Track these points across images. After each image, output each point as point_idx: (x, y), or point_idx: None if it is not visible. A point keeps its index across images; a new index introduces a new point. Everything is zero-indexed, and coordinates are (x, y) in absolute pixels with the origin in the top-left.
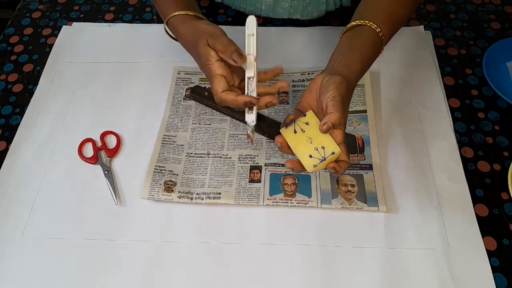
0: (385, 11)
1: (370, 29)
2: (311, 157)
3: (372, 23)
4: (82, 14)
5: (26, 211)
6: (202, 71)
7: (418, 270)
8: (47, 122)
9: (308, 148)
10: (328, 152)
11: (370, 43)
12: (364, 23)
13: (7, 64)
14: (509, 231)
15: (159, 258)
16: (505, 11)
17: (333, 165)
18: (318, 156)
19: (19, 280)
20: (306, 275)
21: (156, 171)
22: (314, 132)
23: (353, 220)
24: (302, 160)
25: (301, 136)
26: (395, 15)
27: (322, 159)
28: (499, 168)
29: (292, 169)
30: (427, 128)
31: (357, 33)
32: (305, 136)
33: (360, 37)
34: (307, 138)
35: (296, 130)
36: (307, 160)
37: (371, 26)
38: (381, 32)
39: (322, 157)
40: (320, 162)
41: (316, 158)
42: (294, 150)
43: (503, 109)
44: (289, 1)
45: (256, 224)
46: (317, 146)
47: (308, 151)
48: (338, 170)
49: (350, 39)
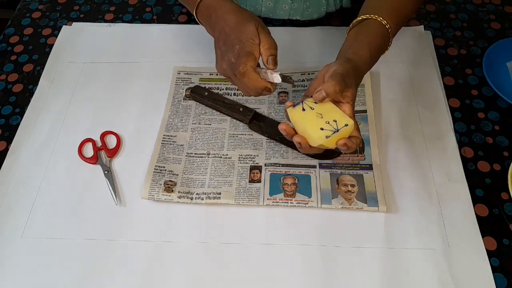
0: (390, 6)
1: (376, 21)
2: (322, 129)
3: (378, 16)
4: (82, 14)
5: (26, 211)
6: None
7: (418, 270)
8: (47, 122)
9: (319, 122)
10: (341, 124)
11: (377, 34)
12: (370, 17)
13: (7, 64)
14: (509, 231)
15: (159, 258)
16: (505, 11)
17: (345, 141)
18: (330, 128)
19: (19, 280)
20: (306, 275)
21: (156, 171)
22: (324, 109)
23: (353, 220)
24: (312, 134)
25: (310, 113)
26: (400, 8)
27: (335, 130)
28: (499, 168)
29: (300, 144)
30: (427, 128)
31: (363, 27)
32: (314, 113)
33: (367, 29)
34: (316, 114)
35: (304, 108)
36: (318, 133)
37: (376, 19)
38: (388, 24)
39: (335, 128)
40: (333, 133)
41: (328, 130)
42: (302, 127)
43: (503, 109)
44: (289, 3)
45: (256, 224)
46: (328, 120)
47: (319, 124)
48: (350, 146)
49: (357, 33)
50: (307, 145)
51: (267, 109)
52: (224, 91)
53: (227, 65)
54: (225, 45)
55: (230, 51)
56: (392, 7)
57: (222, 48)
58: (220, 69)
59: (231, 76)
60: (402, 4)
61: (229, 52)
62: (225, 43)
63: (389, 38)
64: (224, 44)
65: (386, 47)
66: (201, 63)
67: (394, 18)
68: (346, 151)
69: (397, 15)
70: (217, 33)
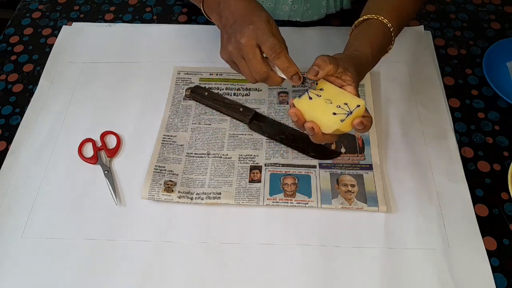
0: (392, 6)
1: (377, 21)
2: (335, 114)
3: (379, 16)
4: (82, 14)
5: (26, 211)
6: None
7: (418, 270)
8: (47, 122)
9: (329, 107)
10: (353, 106)
11: (379, 33)
12: (371, 17)
13: (7, 64)
14: (509, 231)
15: (159, 258)
16: (505, 11)
17: (360, 119)
18: (343, 112)
19: (19, 280)
20: (306, 275)
21: (156, 171)
22: (332, 94)
23: (353, 220)
24: (325, 121)
25: (318, 100)
26: (401, 8)
27: (349, 113)
28: (499, 168)
29: (313, 129)
30: (427, 128)
31: (365, 26)
32: (322, 99)
33: (368, 28)
34: (325, 100)
35: (311, 97)
36: (331, 118)
37: (378, 18)
38: (389, 23)
39: (348, 111)
40: (346, 116)
41: (341, 113)
42: (312, 115)
43: (503, 109)
44: (290, 5)
45: (256, 224)
46: (338, 104)
47: (330, 110)
48: (366, 124)
49: (358, 33)
50: (320, 132)
51: (267, 109)
52: (224, 91)
53: (233, 47)
54: (233, 27)
55: (239, 32)
56: (394, 7)
57: (229, 31)
58: (225, 54)
59: (236, 60)
60: (403, 4)
61: (237, 33)
62: (235, 24)
63: (391, 37)
64: (233, 25)
65: (388, 46)
66: (201, 63)
67: (396, 17)
68: (362, 130)
69: (399, 15)
70: (224, 19)
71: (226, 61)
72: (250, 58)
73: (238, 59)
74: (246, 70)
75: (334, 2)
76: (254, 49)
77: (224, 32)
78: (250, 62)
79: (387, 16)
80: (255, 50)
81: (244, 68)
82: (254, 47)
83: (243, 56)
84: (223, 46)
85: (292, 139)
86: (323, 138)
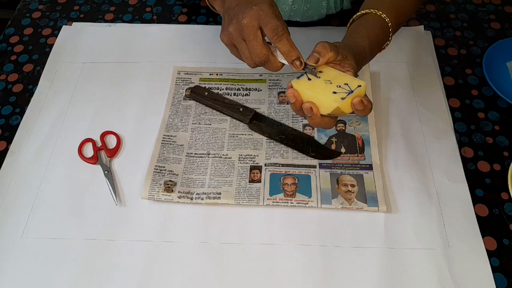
0: (390, 2)
1: (375, 15)
2: (335, 93)
3: (377, 11)
4: (82, 14)
5: (26, 211)
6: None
7: (418, 270)
8: (47, 122)
9: (329, 87)
10: (353, 86)
11: (377, 26)
12: (370, 11)
13: (7, 64)
14: (509, 231)
15: (159, 258)
16: (505, 11)
17: (360, 98)
18: (344, 91)
19: (19, 280)
20: (306, 275)
21: (156, 171)
22: (332, 75)
23: (353, 220)
24: (325, 99)
25: (318, 81)
26: (400, 5)
27: (350, 92)
28: (499, 168)
29: (311, 110)
30: (427, 128)
31: (362, 20)
32: (322, 80)
33: (366, 22)
34: (325, 81)
35: (310, 78)
36: (331, 97)
37: (376, 13)
38: (387, 18)
39: (349, 90)
40: (347, 95)
41: (342, 92)
42: (311, 95)
43: (503, 109)
44: (290, 5)
45: (256, 224)
46: (339, 84)
47: (330, 89)
48: (366, 105)
49: (356, 26)
50: (318, 113)
51: (267, 109)
52: (224, 91)
53: (234, 28)
54: (236, 9)
55: (241, 13)
56: (393, 3)
57: (231, 13)
58: (225, 36)
59: (237, 41)
60: (403, 2)
61: (240, 14)
62: (238, 7)
63: (388, 32)
64: (236, 8)
65: (385, 40)
66: (201, 63)
67: (395, 14)
68: (362, 112)
69: (397, 11)
70: (227, 2)
71: (226, 44)
72: (251, 40)
73: (238, 40)
74: (246, 52)
75: (335, 3)
76: (255, 30)
77: (226, 14)
78: (251, 43)
79: (386, 11)
80: (257, 31)
81: (244, 50)
82: (256, 28)
83: (244, 38)
84: (224, 28)
85: (292, 139)
86: (321, 120)
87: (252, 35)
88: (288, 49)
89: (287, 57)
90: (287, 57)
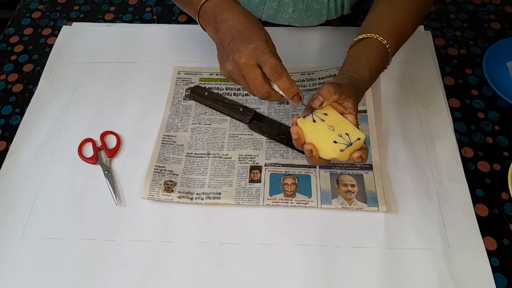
0: (391, 24)
1: (376, 41)
2: (335, 142)
3: (378, 35)
4: (82, 14)
5: (26, 211)
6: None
7: (418, 270)
8: (47, 122)
9: (331, 135)
10: (353, 138)
11: (377, 54)
12: (370, 36)
13: (7, 64)
14: (509, 231)
15: (159, 258)
16: (505, 11)
17: (360, 153)
18: (344, 142)
19: (19, 280)
20: (306, 275)
21: (156, 171)
22: (335, 121)
23: (353, 220)
24: (326, 147)
25: (321, 125)
26: (401, 27)
27: (349, 144)
28: (499, 168)
29: (311, 152)
30: (427, 128)
31: (363, 45)
32: (325, 125)
33: (367, 48)
34: (328, 126)
35: (315, 119)
36: (331, 146)
37: (377, 38)
38: (388, 44)
39: (348, 142)
40: (346, 147)
41: (342, 143)
42: (314, 138)
43: (503, 109)
44: (290, 13)
45: (256, 224)
46: (340, 133)
47: (332, 137)
48: (364, 158)
49: (357, 51)
50: (317, 155)
51: (267, 109)
52: (224, 91)
53: (233, 66)
54: (232, 44)
55: (237, 52)
56: (393, 26)
57: (227, 48)
58: (225, 72)
59: (237, 78)
60: (402, 24)
61: (236, 52)
62: (233, 42)
63: (388, 57)
64: (231, 43)
65: (385, 66)
66: (201, 63)
67: (394, 37)
68: (360, 163)
69: (397, 35)
70: (221, 34)
71: (226, 78)
72: (251, 79)
73: (238, 77)
74: (248, 88)
75: (335, 10)
76: (254, 69)
77: (222, 48)
78: (251, 82)
79: (386, 36)
80: (256, 70)
81: (245, 86)
82: (254, 67)
83: (244, 76)
84: (223, 64)
85: None
86: (318, 161)
87: (252, 74)
88: (288, 86)
89: (287, 93)
90: (287, 94)
